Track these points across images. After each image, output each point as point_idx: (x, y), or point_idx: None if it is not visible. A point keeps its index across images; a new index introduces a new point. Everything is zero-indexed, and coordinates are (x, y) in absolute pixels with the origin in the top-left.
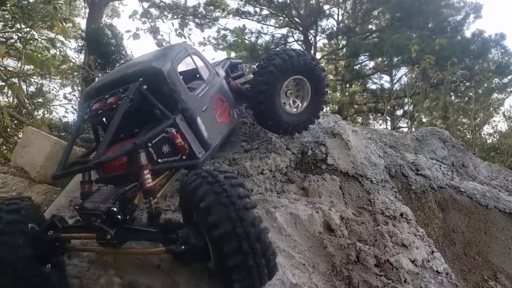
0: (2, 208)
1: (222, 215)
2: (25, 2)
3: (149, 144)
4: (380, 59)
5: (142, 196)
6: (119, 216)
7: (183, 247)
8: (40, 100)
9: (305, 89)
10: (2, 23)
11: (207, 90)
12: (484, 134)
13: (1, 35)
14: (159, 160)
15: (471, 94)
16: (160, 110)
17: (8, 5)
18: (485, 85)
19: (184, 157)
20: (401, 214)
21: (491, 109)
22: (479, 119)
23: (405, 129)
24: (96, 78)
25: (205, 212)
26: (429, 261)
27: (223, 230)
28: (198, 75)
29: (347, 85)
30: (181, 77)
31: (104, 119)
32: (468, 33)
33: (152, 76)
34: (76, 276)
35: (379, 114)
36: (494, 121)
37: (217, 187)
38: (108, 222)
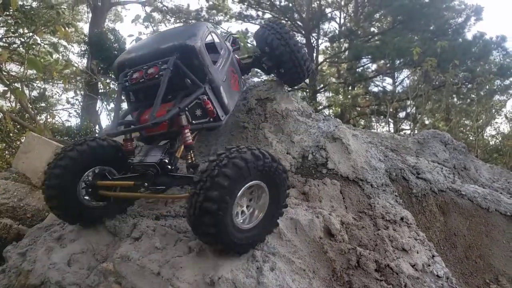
0: (71, 146)
1: (201, 193)
2: (28, 7)
3: (186, 108)
4: (382, 61)
5: (183, 150)
6: (169, 166)
7: None
8: (43, 104)
9: None
10: (5, 28)
11: (224, 63)
12: (486, 135)
13: (4, 40)
14: (193, 121)
15: (473, 96)
16: (192, 80)
17: (11, 10)
18: (487, 87)
19: (211, 119)
20: (402, 218)
21: (493, 110)
22: (481, 121)
23: (408, 131)
24: (102, 79)
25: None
26: (429, 265)
27: (197, 198)
28: (214, 49)
29: (350, 88)
30: None
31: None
32: (469, 36)
33: (186, 51)
34: (75, 283)
35: (382, 117)
36: (496, 122)
37: (215, 171)
38: (161, 171)
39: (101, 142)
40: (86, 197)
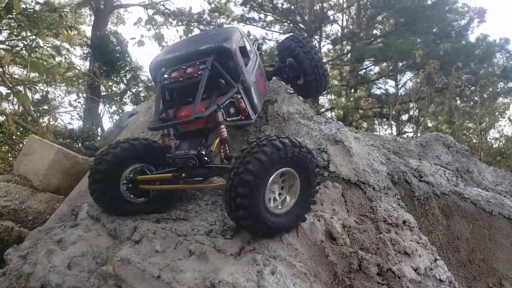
0: (116, 144)
1: (235, 178)
2: (31, 10)
3: (221, 106)
4: (385, 64)
5: (219, 144)
6: (206, 158)
7: None
8: (46, 107)
9: None
10: (8, 31)
11: (253, 66)
12: (490, 138)
13: (7, 43)
14: (227, 118)
15: (477, 98)
16: (227, 80)
17: (14, 13)
18: (490, 89)
19: (243, 117)
20: (404, 222)
21: (497, 113)
22: (484, 123)
23: (411, 134)
24: (104, 82)
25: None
26: (432, 269)
27: (227, 186)
28: (244, 53)
29: (352, 91)
30: None
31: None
32: (472, 38)
33: (223, 53)
34: (75, 286)
35: (385, 119)
36: (500, 125)
37: (250, 158)
38: (198, 163)
39: (142, 141)
40: (128, 193)
